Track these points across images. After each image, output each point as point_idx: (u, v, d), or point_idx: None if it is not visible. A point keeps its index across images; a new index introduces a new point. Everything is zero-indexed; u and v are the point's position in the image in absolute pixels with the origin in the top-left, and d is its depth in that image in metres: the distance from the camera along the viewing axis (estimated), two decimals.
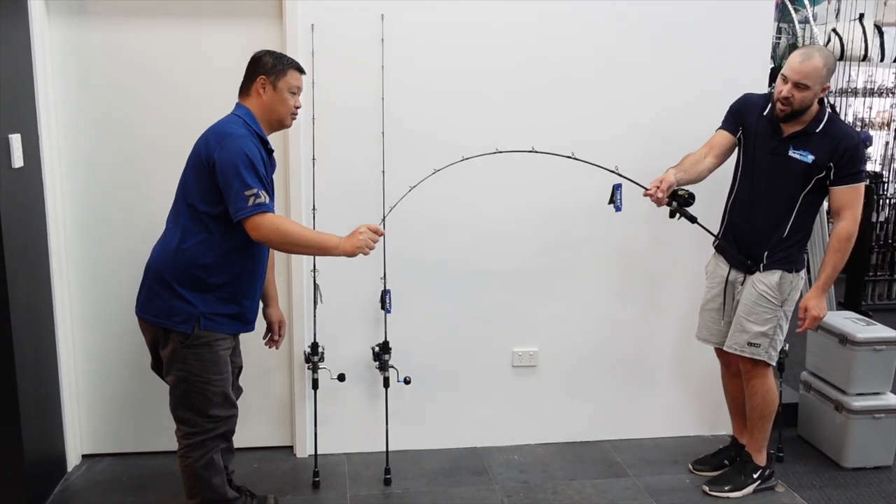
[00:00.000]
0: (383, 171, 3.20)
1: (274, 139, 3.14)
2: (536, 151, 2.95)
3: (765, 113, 2.97)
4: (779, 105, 2.85)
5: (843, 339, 3.43)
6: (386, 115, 3.19)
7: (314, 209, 3.16)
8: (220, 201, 2.40)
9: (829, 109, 2.92)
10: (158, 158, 3.14)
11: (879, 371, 3.42)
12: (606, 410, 3.63)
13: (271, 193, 2.50)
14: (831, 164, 2.86)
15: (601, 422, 3.63)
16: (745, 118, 3.04)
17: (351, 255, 2.50)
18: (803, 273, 3.03)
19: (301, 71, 2.57)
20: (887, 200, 5.76)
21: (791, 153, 2.90)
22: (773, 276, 2.97)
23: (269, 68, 2.50)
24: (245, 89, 2.55)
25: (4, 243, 2.66)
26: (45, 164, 3.02)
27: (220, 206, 2.40)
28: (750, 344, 3.01)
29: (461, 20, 3.21)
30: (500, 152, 3.02)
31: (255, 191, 2.34)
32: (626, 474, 3.34)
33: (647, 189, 2.86)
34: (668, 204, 2.88)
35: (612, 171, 2.89)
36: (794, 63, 2.82)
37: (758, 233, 3.00)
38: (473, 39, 3.23)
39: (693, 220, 2.91)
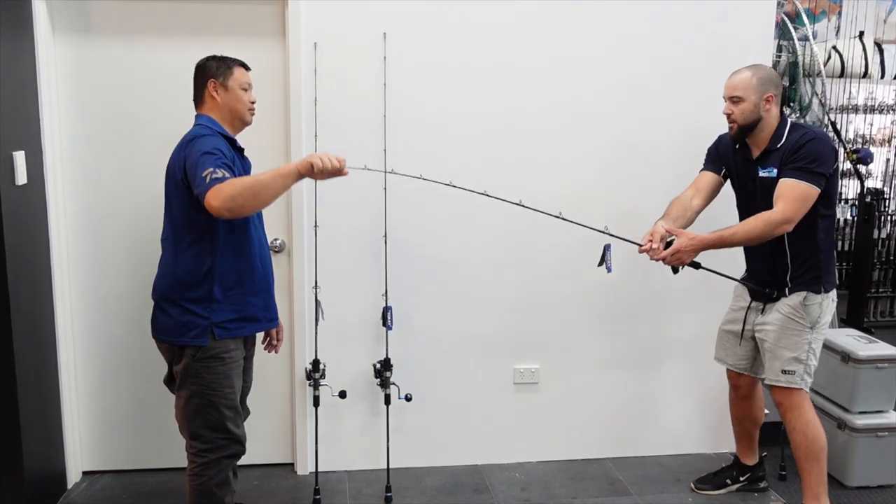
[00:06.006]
0: (385, 188, 3.21)
1: (275, 156, 3.18)
2: (524, 206, 2.89)
3: (737, 147, 2.97)
4: (728, 128, 2.88)
5: (846, 357, 3.42)
6: (388, 133, 3.20)
7: (316, 226, 3.17)
8: (202, 209, 2.37)
9: (791, 121, 2.88)
10: (162, 176, 3.13)
11: (882, 389, 3.40)
12: (608, 428, 3.62)
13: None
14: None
15: (603, 439, 3.62)
16: (723, 157, 3.04)
17: (308, 170, 2.35)
18: (833, 294, 2.92)
19: (247, 67, 2.61)
20: (889, 217, 5.75)
21: (760, 173, 2.87)
22: (797, 298, 2.88)
23: (215, 71, 2.54)
24: (199, 99, 2.58)
25: (7, 259, 2.67)
26: (49, 181, 3.03)
27: (202, 213, 2.39)
28: (784, 371, 2.89)
29: (463, 38, 3.23)
30: (516, 204, 3.02)
31: (210, 169, 2.29)
32: (629, 493, 3.32)
33: (641, 245, 2.83)
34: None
35: (602, 232, 2.85)
36: (726, 82, 2.87)
37: (767, 261, 2.94)
38: (475, 57, 3.25)
39: (697, 266, 2.86)
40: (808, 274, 2.88)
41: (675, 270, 2.88)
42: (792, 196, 2.74)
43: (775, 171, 2.82)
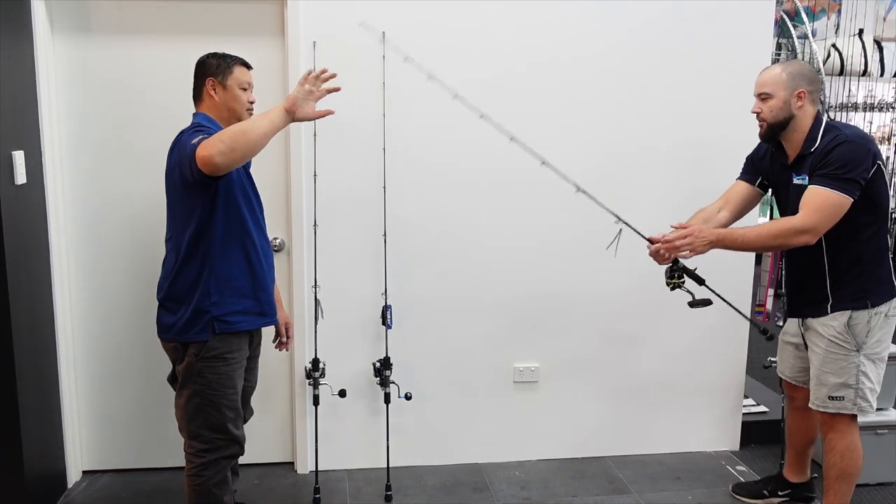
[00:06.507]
0: (384, 187, 3.21)
1: (275, 155, 3.18)
2: (546, 164, 2.87)
3: (774, 152, 2.80)
4: (758, 128, 2.73)
5: None
6: (387, 131, 3.20)
7: (315, 225, 3.18)
8: (199, 201, 2.40)
9: (827, 121, 2.69)
10: (161, 176, 3.13)
11: (882, 387, 3.39)
12: (608, 426, 3.62)
13: (255, 197, 2.57)
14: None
15: (603, 438, 3.62)
16: (760, 165, 2.88)
17: (293, 101, 2.33)
18: (887, 308, 2.68)
19: (247, 66, 2.58)
20: (889, 215, 5.75)
21: (794, 180, 2.69)
22: (842, 318, 2.67)
23: (215, 69, 2.52)
24: (197, 96, 2.57)
25: (7, 259, 2.67)
26: (48, 181, 3.03)
27: (200, 206, 2.41)
28: (832, 398, 2.71)
29: (462, 38, 3.23)
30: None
31: (198, 137, 2.30)
32: (629, 491, 3.32)
33: (650, 242, 2.70)
34: (671, 277, 2.70)
35: (617, 217, 2.76)
36: (756, 80, 2.73)
37: (805, 277, 2.75)
38: (474, 57, 3.25)
39: (701, 281, 2.71)
40: (850, 287, 2.67)
41: (679, 283, 2.71)
42: (814, 205, 2.54)
43: (807, 178, 2.62)
